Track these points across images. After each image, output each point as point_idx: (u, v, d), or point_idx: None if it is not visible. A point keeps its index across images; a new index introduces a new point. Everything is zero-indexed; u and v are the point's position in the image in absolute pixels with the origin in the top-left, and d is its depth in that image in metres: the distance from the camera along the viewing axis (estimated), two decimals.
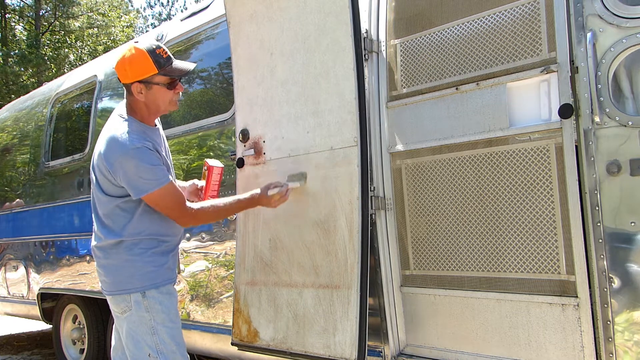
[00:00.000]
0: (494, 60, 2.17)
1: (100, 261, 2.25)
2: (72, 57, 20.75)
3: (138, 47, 2.13)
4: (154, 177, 2.09)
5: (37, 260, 4.70)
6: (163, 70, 2.15)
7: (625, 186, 1.83)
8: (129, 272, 2.18)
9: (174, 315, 2.23)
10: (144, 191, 2.10)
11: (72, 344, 4.52)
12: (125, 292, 2.18)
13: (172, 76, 2.19)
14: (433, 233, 2.34)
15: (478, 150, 2.20)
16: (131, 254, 2.18)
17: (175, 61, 2.21)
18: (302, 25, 2.53)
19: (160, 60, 2.14)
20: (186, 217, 2.20)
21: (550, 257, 2.02)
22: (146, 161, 2.08)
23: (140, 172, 2.08)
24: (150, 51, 2.13)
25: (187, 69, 2.24)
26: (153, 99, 2.19)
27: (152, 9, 36.15)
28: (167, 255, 2.27)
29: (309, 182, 2.50)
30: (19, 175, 5.19)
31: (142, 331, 2.17)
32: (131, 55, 2.13)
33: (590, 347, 1.91)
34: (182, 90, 2.28)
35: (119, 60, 2.16)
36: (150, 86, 2.16)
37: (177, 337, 2.22)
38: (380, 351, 2.45)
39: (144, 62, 2.12)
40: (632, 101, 1.87)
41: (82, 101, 4.66)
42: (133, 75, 2.13)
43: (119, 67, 2.16)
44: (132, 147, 2.06)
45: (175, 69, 2.19)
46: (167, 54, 2.18)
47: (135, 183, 2.09)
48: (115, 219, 2.18)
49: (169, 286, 2.25)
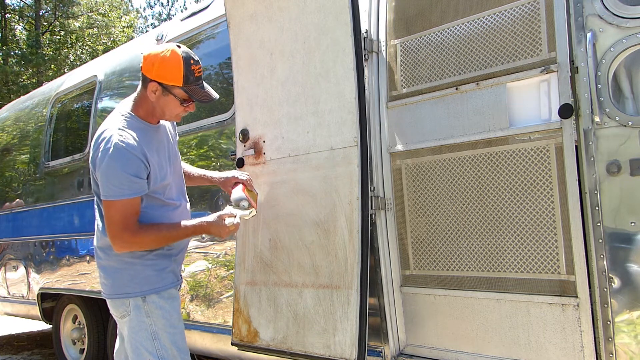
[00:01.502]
0: (494, 60, 2.17)
1: (100, 262, 2.19)
2: (72, 57, 20.75)
3: (176, 52, 2.05)
4: (118, 185, 1.99)
5: (37, 260, 4.70)
6: (187, 87, 2.07)
7: (625, 186, 1.83)
8: (128, 275, 2.12)
9: (175, 319, 2.17)
10: (104, 195, 2.01)
11: (72, 344, 4.52)
12: (124, 296, 2.12)
13: (192, 97, 2.11)
14: (433, 233, 2.34)
15: (478, 150, 2.20)
16: (132, 256, 2.11)
17: (203, 84, 2.14)
18: (302, 25, 2.53)
19: (191, 77, 2.06)
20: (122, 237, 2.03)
21: (550, 257, 2.02)
22: (121, 166, 1.98)
23: (110, 174, 1.99)
24: (186, 63, 2.05)
25: (211, 99, 2.16)
26: (163, 104, 2.12)
27: (152, 9, 36.14)
28: (169, 258, 2.20)
29: (309, 182, 2.50)
30: (19, 175, 5.19)
31: (142, 336, 2.11)
32: (167, 55, 2.04)
33: (590, 347, 1.91)
34: (192, 110, 2.21)
35: (153, 54, 2.06)
36: (166, 93, 2.08)
37: (178, 342, 2.16)
38: (380, 351, 2.45)
39: (175, 70, 2.04)
40: (632, 101, 1.87)
41: (82, 101, 4.66)
42: (157, 75, 2.05)
43: (148, 59, 2.06)
44: (118, 147, 1.98)
45: (199, 91, 2.11)
46: (199, 73, 2.10)
47: (102, 183, 2.01)
48: None
49: (171, 290, 2.18)
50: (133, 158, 2.00)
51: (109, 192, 2.00)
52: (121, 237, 2.03)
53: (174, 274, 2.23)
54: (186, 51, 2.08)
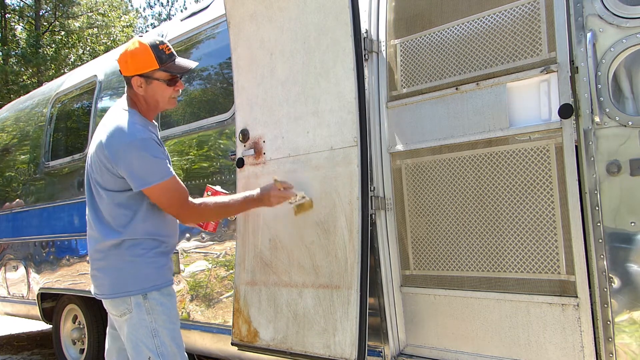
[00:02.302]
0: (494, 60, 2.17)
1: (98, 264, 2.21)
2: (73, 57, 20.75)
3: (141, 41, 2.15)
4: (157, 169, 2.07)
5: (37, 260, 4.70)
6: (164, 66, 2.16)
7: (625, 186, 1.83)
8: (130, 273, 2.14)
9: (174, 316, 2.21)
10: (147, 183, 2.07)
11: (72, 344, 4.52)
12: (126, 294, 2.14)
13: (173, 73, 2.20)
14: (433, 233, 2.34)
15: (478, 150, 2.20)
16: (133, 254, 2.14)
17: (178, 58, 2.22)
18: (302, 25, 2.53)
19: (163, 56, 2.15)
20: (188, 213, 2.18)
21: (550, 257, 2.02)
22: (151, 153, 2.06)
23: (144, 163, 2.06)
24: (153, 46, 2.14)
25: (189, 67, 2.25)
26: (152, 93, 2.19)
27: (151, 9, 36.14)
28: (167, 255, 2.25)
29: (309, 182, 2.50)
30: (19, 175, 5.19)
31: (142, 334, 2.14)
32: (134, 48, 2.14)
33: (590, 347, 1.91)
34: (182, 88, 2.28)
35: (122, 53, 2.18)
36: (150, 81, 2.17)
37: (177, 339, 2.20)
38: (380, 351, 2.45)
39: (146, 57, 2.13)
40: (632, 101, 1.87)
41: (82, 101, 4.66)
42: (134, 69, 2.15)
43: (121, 60, 2.18)
44: (139, 138, 2.06)
45: (176, 66, 2.20)
46: (170, 50, 2.19)
47: (138, 174, 2.07)
48: (116, 216, 2.15)
49: (169, 287, 2.22)
50: (156, 145, 2.10)
51: (152, 178, 2.07)
52: (191, 211, 2.16)
53: (171, 271, 2.27)
54: (149, 36, 2.19)
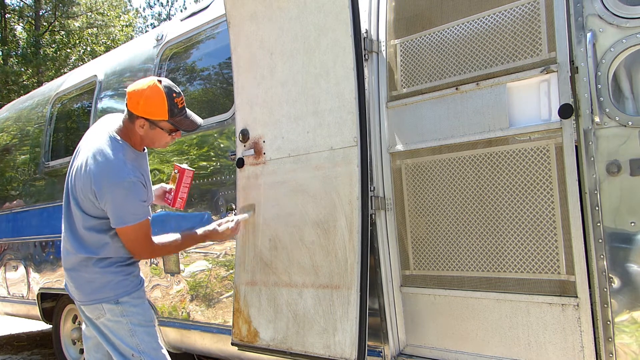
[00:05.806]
0: (494, 60, 2.17)
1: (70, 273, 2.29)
2: (74, 58, 20.73)
3: (159, 87, 2.15)
4: (138, 211, 2.16)
5: (37, 260, 4.70)
6: (173, 120, 2.20)
7: (625, 186, 1.83)
8: (100, 284, 2.23)
9: (149, 317, 2.30)
10: (125, 222, 2.15)
11: (72, 344, 4.52)
12: (97, 301, 2.23)
13: (178, 128, 2.25)
14: (433, 233, 2.34)
15: (478, 150, 2.20)
16: (101, 266, 2.22)
17: (187, 114, 2.25)
18: (302, 25, 2.53)
19: (175, 109, 2.18)
20: (146, 252, 2.30)
21: (550, 257, 2.02)
22: (136, 196, 2.15)
23: (128, 205, 2.14)
24: (169, 96, 2.16)
25: (195, 126, 2.30)
26: (151, 137, 2.25)
27: (151, 9, 36.11)
28: (134, 265, 2.34)
29: (309, 182, 2.50)
30: (19, 175, 5.19)
31: (121, 335, 2.24)
32: (150, 92, 2.14)
33: (590, 347, 1.91)
34: (179, 137, 2.35)
35: (137, 90, 2.16)
36: (154, 127, 2.21)
37: (155, 336, 2.29)
38: (380, 351, 2.45)
39: (160, 106, 2.15)
40: (632, 101, 1.87)
41: (82, 101, 4.66)
42: (143, 112, 2.17)
43: (133, 96, 2.16)
44: (127, 180, 2.11)
45: (184, 121, 2.24)
46: (182, 104, 2.22)
47: (120, 213, 2.14)
48: (92, 238, 2.22)
49: (139, 291, 2.31)
50: (141, 187, 2.18)
51: (128, 219, 2.15)
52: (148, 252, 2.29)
53: (139, 277, 2.36)
54: (167, 85, 2.19)
